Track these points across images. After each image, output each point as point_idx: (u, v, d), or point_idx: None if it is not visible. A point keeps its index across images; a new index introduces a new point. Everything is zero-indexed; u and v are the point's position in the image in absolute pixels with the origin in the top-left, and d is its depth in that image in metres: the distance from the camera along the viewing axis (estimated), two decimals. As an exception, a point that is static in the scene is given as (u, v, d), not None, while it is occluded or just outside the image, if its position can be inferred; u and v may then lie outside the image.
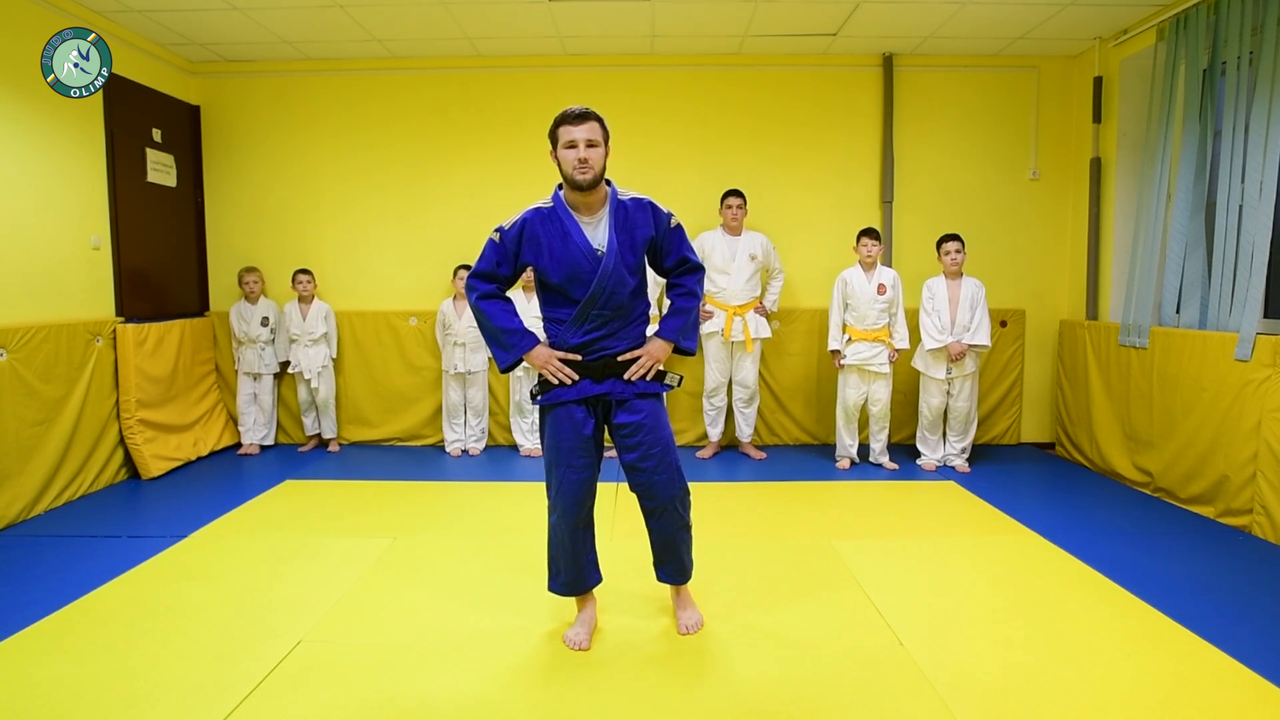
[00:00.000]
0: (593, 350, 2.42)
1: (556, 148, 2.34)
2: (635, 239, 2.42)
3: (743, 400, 5.10)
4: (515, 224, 2.41)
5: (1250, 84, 3.78)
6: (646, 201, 2.46)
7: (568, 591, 2.60)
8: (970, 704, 2.18)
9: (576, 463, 2.43)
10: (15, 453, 3.83)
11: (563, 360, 2.42)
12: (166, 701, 2.20)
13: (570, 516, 2.48)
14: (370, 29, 4.81)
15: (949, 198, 5.44)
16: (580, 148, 2.30)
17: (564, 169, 2.34)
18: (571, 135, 2.30)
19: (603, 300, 2.38)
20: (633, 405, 2.45)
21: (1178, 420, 4.10)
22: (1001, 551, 3.39)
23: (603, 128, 2.35)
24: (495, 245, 2.42)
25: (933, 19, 4.69)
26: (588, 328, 2.41)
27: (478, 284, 2.46)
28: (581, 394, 2.42)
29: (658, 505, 2.51)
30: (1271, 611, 2.79)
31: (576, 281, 2.37)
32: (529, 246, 2.40)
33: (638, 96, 5.38)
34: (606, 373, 2.43)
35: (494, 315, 2.45)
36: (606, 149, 2.35)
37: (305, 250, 5.50)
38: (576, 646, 2.50)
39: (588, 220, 2.40)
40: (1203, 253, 4.12)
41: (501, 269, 2.43)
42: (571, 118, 2.31)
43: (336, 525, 3.77)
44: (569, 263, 2.37)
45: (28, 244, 4.02)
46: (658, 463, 2.46)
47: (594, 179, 2.33)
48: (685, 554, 2.63)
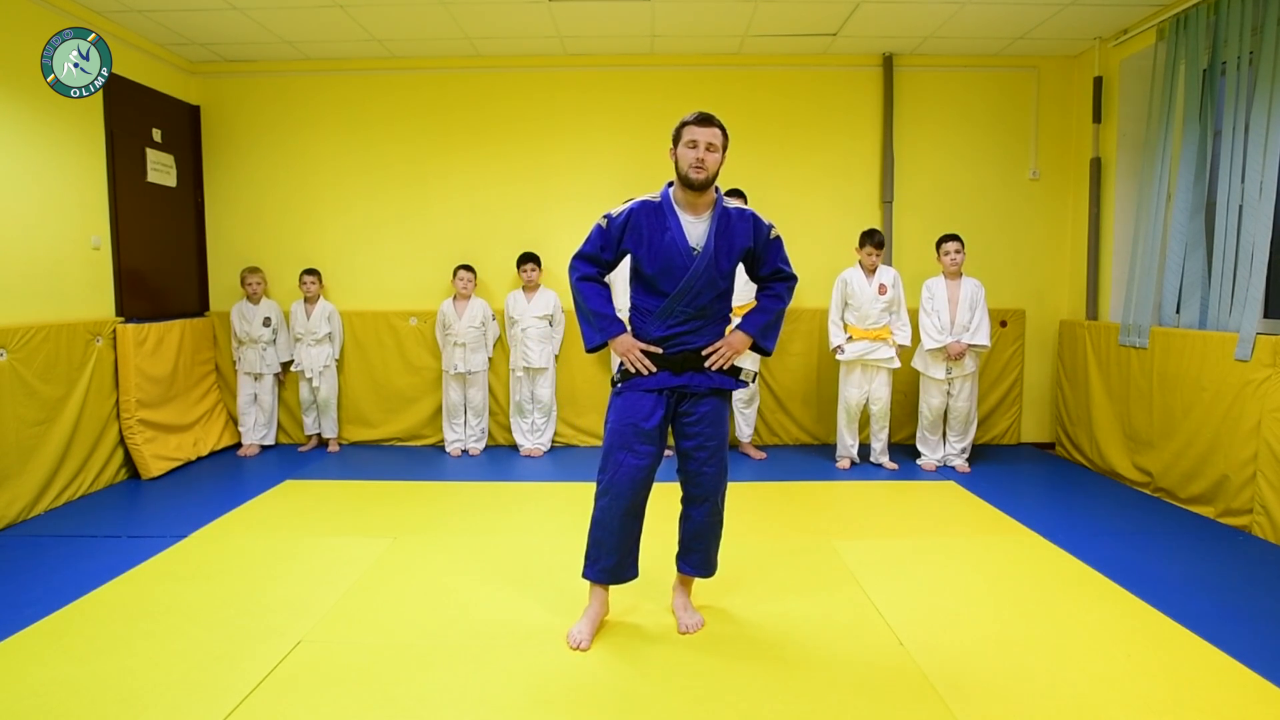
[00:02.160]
0: (674, 344, 2.51)
1: (677, 145, 2.44)
2: (733, 246, 2.50)
3: (743, 400, 5.10)
4: (622, 213, 2.51)
5: (1250, 84, 3.78)
6: (750, 213, 2.55)
7: (606, 579, 2.62)
8: (970, 704, 2.18)
9: (640, 449, 2.51)
10: (15, 453, 3.82)
11: (644, 351, 2.50)
12: (166, 701, 2.20)
13: (624, 500, 2.53)
14: (370, 29, 4.81)
15: (949, 198, 5.44)
16: (700, 148, 2.39)
17: (680, 165, 2.43)
18: (694, 135, 2.40)
19: (690, 297, 2.47)
20: (704, 398, 2.54)
21: (1178, 420, 4.10)
22: (1001, 551, 3.39)
23: (725, 136, 2.44)
24: (601, 231, 2.52)
25: (933, 19, 4.69)
26: (671, 322, 2.50)
27: (580, 265, 2.56)
28: (660, 384, 2.51)
29: (701, 495, 2.59)
30: (1271, 611, 2.79)
31: (668, 275, 2.46)
32: (631, 235, 2.49)
33: (638, 96, 5.38)
34: (685, 366, 2.52)
35: (589, 297, 2.55)
36: (723, 157, 2.45)
37: (305, 250, 5.50)
38: (576, 645, 2.52)
39: (691, 219, 2.48)
40: (1203, 253, 4.12)
41: (604, 254, 2.53)
42: (699, 120, 2.41)
43: (336, 525, 3.77)
44: (665, 256, 2.46)
45: (28, 244, 4.02)
46: (711, 455, 2.55)
47: (707, 180, 2.42)
48: (713, 548, 2.69)
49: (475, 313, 5.18)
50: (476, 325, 5.17)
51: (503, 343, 5.40)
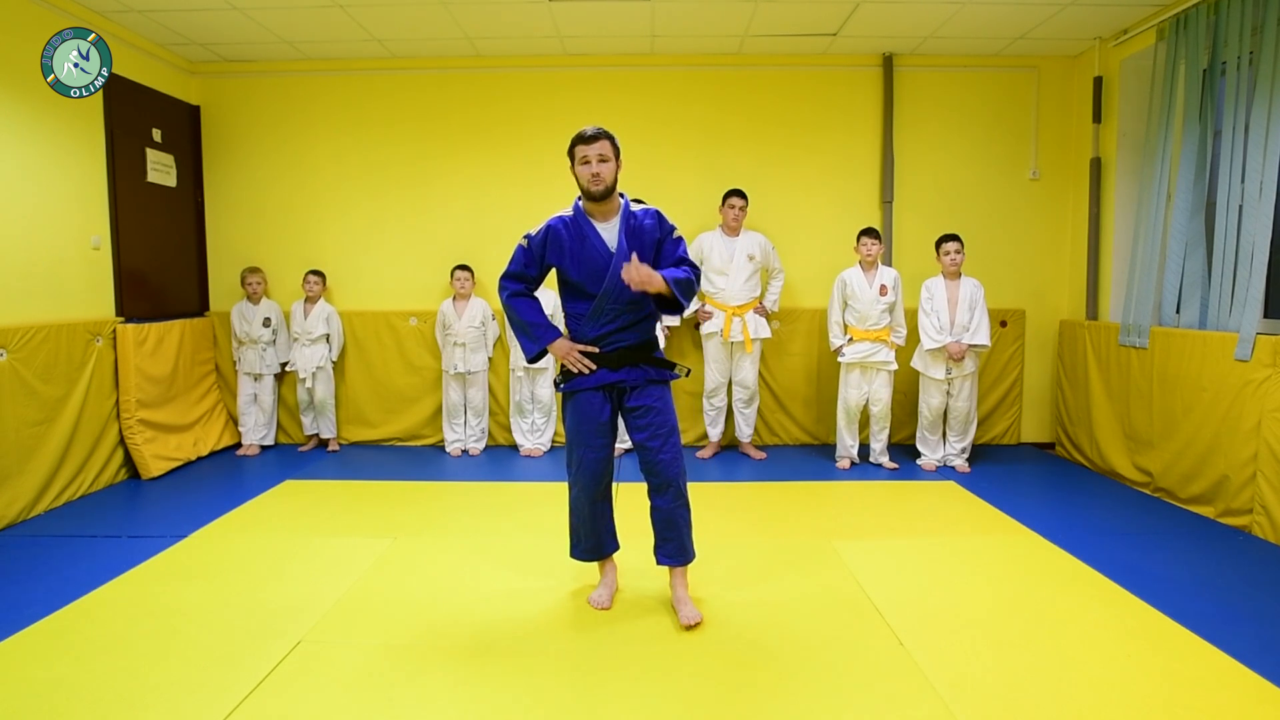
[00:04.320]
0: (608, 342, 2.69)
1: (574, 164, 2.64)
2: (644, 242, 2.69)
3: (743, 400, 5.10)
4: (541, 231, 2.72)
5: (1250, 84, 3.78)
6: (654, 211, 2.76)
7: (589, 557, 2.89)
8: (970, 704, 2.18)
9: (595, 443, 2.72)
10: (15, 453, 3.83)
11: (582, 352, 2.68)
12: (166, 701, 2.20)
13: (590, 490, 2.77)
14: (370, 29, 4.81)
15: (949, 198, 5.44)
16: (593, 164, 2.60)
17: (580, 182, 2.65)
18: (585, 153, 2.60)
19: (614, 294, 2.63)
20: (644, 390, 2.72)
21: (1178, 420, 4.10)
22: (1001, 551, 3.39)
23: (613, 145, 2.63)
24: (524, 250, 2.73)
25: (932, 19, 4.69)
26: (602, 320, 2.67)
27: (508, 284, 2.78)
28: (599, 381, 2.69)
29: (662, 481, 2.72)
30: (1271, 611, 2.79)
31: (592, 278, 2.66)
32: (553, 249, 2.70)
33: (638, 96, 5.38)
34: (621, 362, 2.69)
35: (522, 310, 2.76)
36: (617, 164, 2.65)
37: (305, 250, 5.50)
38: (599, 606, 2.80)
39: (604, 225, 2.70)
40: (1203, 253, 4.12)
41: (529, 270, 2.75)
42: (585, 139, 2.60)
43: (336, 525, 3.77)
44: (586, 262, 2.66)
45: (28, 244, 4.02)
46: (664, 442, 2.70)
47: (605, 190, 2.63)
48: (686, 533, 2.79)
49: (475, 313, 5.18)
50: (476, 325, 5.18)
51: (503, 343, 5.40)
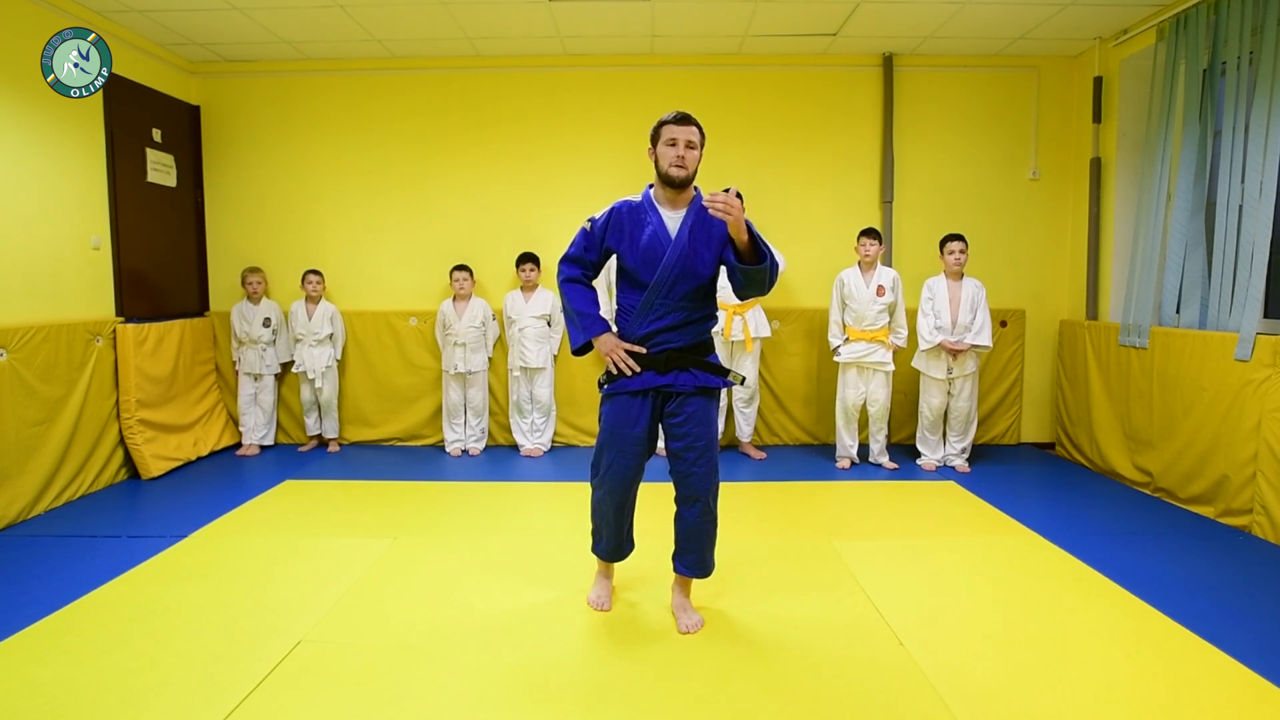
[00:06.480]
0: (656, 342, 2.54)
1: (656, 144, 2.51)
2: (712, 235, 2.53)
3: (743, 400, 5.10)
4: (604, 214, 2.59)
5: (1250, 84, 3.78)
6: None
7: (610, 557, 2.83)
8: (970, 704, 2.18)
9: (629, 450, 2.60)
10: (15, 453, 3.82)
11: (627, 351, 2.54)
12: (166, 701, 2.20)
13: (616, 495, 2.67)
14: (370, 29, 4.81)
15: (949, 198, 5.44)
16: (680, 146, 2.46)
17: (660, 164, 2.50)
18: (674, 134, 2.47)
19: (667, 287, 2.50)
20: (689, 398, 2.57)
21: (1178, 420, 4.10)
22: (1001, 551, 3.39)
23: (701, 134, 2.50)
24: (585, 233, 2.60)
25: (933, 19, 4.69)
26: (652, 316, 2.53)
27: (566, 267, 2.64)
28: (644, 385, 2.55)
29: (691, 495, 2.62)
30: (1271, 611, 2.79)
31: (647, 265, 2.52)
32: (614, 233, 2.57)
33: (638, 96, 5.38)
34: (669, 366, 2.55)
35: (574, 298, 2.62)
36: (700, 154, 2.51)
37: (305, 250, 5.50)
38: (599, 606, 2.78)
39: (670, 214, 2.55)
40: (1203, 253, 4.12)
41: (588, 254, 2.61)
42: (677, 120, 2.47)
43: (336, 525, 3.77)
44: (645, 248, 2.52)
45: (28, 244, 4.02)
46: (700, 455, 2.58)
47: (687, 177, 2.49)
48: (708, 548, 2.71)
49: (475, 313, 5.18)
50: (476, 325, 5.17)
51: (503, 343, 5.40)
